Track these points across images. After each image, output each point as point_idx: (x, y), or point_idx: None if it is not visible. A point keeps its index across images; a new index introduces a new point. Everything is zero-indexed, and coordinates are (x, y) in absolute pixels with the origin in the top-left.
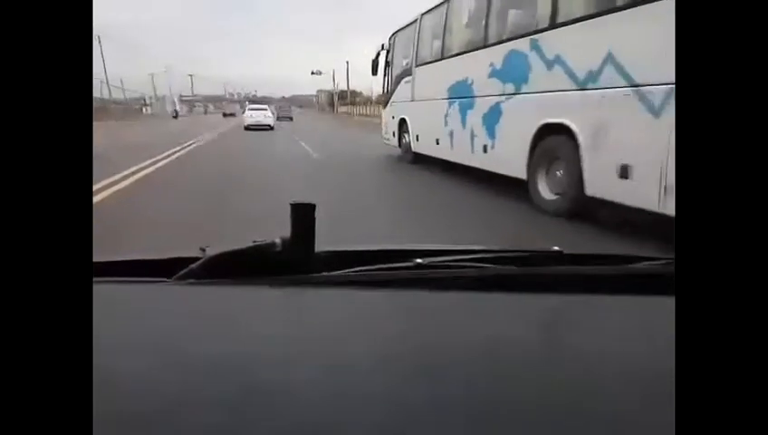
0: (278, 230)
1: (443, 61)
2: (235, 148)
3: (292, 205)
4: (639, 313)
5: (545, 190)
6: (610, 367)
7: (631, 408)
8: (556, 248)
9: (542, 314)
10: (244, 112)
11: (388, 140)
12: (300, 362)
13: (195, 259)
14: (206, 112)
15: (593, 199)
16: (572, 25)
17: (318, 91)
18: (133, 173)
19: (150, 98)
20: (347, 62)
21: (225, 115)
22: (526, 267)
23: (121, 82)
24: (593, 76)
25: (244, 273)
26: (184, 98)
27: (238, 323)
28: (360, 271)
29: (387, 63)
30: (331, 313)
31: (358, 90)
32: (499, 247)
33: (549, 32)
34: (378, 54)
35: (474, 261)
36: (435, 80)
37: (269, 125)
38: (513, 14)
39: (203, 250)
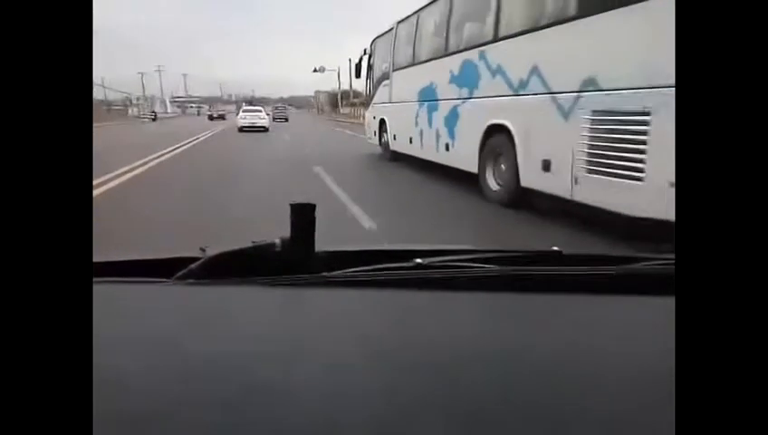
0: (278, 230)
1: (413, 67)
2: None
3: (292, 205)
4: (639, 313)
5: (492, 182)
6: (610, 367)
7: (631, 408)
8: (556, 248)
9: (542, 314)
10: (237, 114)
11: (370, 138)
12: (299, 362)
13: (195, 259)
14: (198, 114)
15: (527, 190)
16: (507, 40)
17: (316, 91)
18: None
19: (138, 98)
20: (349, 60)
21: (211, 118)
22: (526, 267)
23: (102, 80)
24: (523, 84)
25: (243, 273)
26: (176, 99)
27: (238, 324)
28: (360, 271)
29: (369, 67)
30: (331, 313)
31: (359, 90)
32: (499, 247)
33: (492, 44)
34: (360, 59)
35: (473, 261)
36: (407, 84)
37: (263, 127)
38: (466, 27)
39: (203, 250)
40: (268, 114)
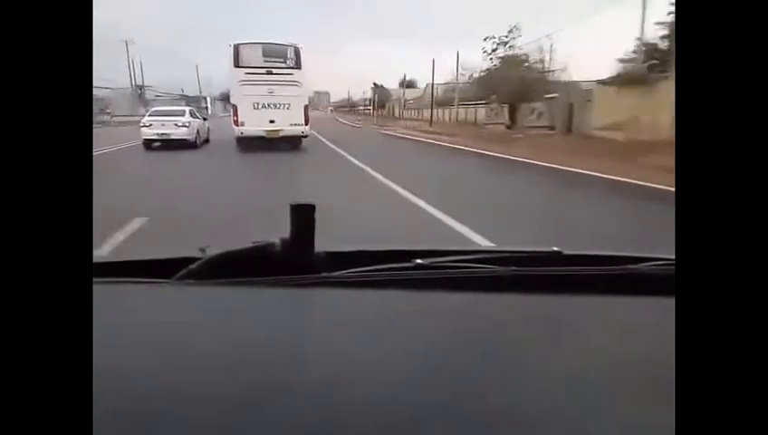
0: (278, 230)
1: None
2: None
3: (291, 205)
4: (639, 313)
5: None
6: (610, 368)
7: (631, 408)
8: (556, 248)
9: (542, 314)
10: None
11: None
12: (300, 363)
13: (195, 259)
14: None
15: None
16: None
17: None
18: None
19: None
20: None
21: None
22: (526, 268)
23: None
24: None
25: (243, 273)
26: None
27: (238, 324)
28: (360, 271)
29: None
30: (331, 313)
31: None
32: (499, 248)
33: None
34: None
35: (473, 262)
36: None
37: (184, 139)
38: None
39: (203, 250)
40: (205, 118)
